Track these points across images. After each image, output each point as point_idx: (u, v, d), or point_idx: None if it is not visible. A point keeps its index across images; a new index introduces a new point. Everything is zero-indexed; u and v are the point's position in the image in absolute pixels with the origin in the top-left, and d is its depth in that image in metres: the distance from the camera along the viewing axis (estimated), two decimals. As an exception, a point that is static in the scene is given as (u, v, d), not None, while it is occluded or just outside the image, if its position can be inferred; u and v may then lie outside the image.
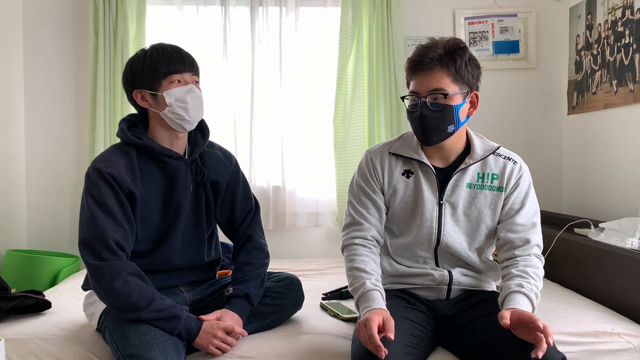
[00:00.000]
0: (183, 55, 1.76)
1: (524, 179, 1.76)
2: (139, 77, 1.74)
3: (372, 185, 1.78)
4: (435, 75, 1.66)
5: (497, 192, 1.74)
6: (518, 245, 1.68)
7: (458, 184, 1.74)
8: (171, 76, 1.73)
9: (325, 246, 3.35)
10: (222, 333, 1.66)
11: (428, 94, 1.67)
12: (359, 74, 3.18)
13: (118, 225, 1.66)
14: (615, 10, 2.70)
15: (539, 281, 1.59)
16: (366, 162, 1.82)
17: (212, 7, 3.25)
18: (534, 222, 1.72)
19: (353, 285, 1.63)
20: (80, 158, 3.24)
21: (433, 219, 1.74)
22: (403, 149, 1.79)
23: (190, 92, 1.74)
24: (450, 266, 1.78)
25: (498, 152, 1.78)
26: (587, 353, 1.77)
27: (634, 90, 2.56)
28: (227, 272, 2.37)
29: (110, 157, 1.72)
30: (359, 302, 1.59)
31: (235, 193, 1.93)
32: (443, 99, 1.67)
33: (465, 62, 1.68)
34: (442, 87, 1.66)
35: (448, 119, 1.68)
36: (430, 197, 1.74)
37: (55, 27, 3.25)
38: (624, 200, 2.65)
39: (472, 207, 1.75)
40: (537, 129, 3.38)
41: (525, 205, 1.73)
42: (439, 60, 1.66)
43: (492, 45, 3.35)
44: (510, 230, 1.71)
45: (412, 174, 1.77)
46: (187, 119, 1.74)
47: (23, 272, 2.82)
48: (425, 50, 1.68)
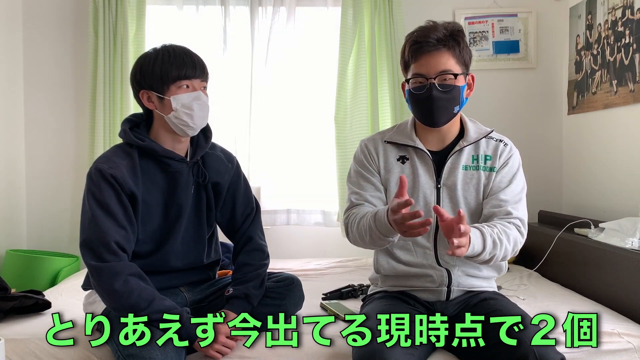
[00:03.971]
0: (195, 60, 1.74)
1: (513, 159, 1.77)
2: (147, 77, 1.72)
3: (369, 169, 1.79)
4: (442, 57, 1.68)
5: (491, 173, 1.76)
6: (499, 215, 1.68)
7: (454, 166, 1.75)
8: (180, 81, 1.71)
9: (325, 246, 3.35)
10: (223, 337, 1.66)
11: (437, 75, 1.67)
12: (360, 72, 3.18)
13: (119, 226, 1.66)
14: (615, 10, 2.70)
15: (503, 236, 1.57)
16: (361, 149, 1.83)
17: (212, 6, 3.25)
18: (519, 198, 1.73)
19: (369, 227, 1.60)
20: (80, 158, 3.24)
21: (431, 203, 1.74)
22: (397, 136, 1.80)
23: (197, 100, 1.73)
24: (450, 259, 1.76)
25: (490, 135, 1.79)
26: (587, 353, 1.76)
27: (634, 90, 2.55)
28: (227, 272, 2.37)
29: (112, 157, 1.72)
30: (377, 225, 1.57)
31: (236, 195, 1.93)
32: (453, 80, 1.68)
33: (465, 44, 1.71)
34: (450, 68, 1.68)
35: (455, 100, 1.70)
36: (428, 181, 1.75)
37: (55, 27, 3.25)
38: (624, 200, 2.65)
39: (470, 188, 1.75)
40: (537, 129, 3.37)
41: (512, 184, 1.73)
42: (444, 41, 1.67)
43: (492, 45, 3.35)
44: (494, 206, 1.71)
45: (407, 159, 1.78)
46: (192, 125, 1.73)
47: (23, 272, 2.82)
48: (427, 32, 1.68)
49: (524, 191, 1.76)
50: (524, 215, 1.72)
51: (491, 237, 1.55)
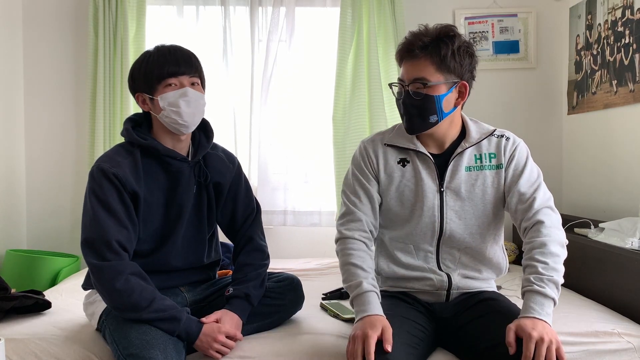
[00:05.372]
0: (178, 57, 1.73)
1: (519, 150, 1.75)
2: (138, 80, 1.75)
3: (366, 174, 1.77)
4: (419, 64, 1.65)
5: (497, 170, 1.74)
6: (526, 217, 1.66)
7: (456, 168, 1.73)
8: (166, 80, 1.71)
9: (325, 246, 3.34)
10: (223, 337, 1.66)
11: (410, 83, 1.67)
12: (358, 72, 3.17)
13: (121, 225, 1.66)
14: (615, 10, 2.70)
15: (549, 257, 1.55)
16: (360, 152, 1.81)
17: (212, 7, 3.24)
18: (537, 184, 1.70)
19: (349, 282, 1.62)
20: (80, 158, 3.24)
21: (435, 207, 1.72)
22: (397, 139, 1.78)
23: (184, 96, 1.71)
24: (451, 263, 1.76)
25: (493, 134, 1.77)
26: (587, 353, 1.77)
27: (634, 90, 2.55)
28: (227, 272, 2.37)
29: (115, 156, 1.72)
30: (354, 301, 1.59)
31: (237, 195, 1.93)
32: (423, 88, 1.65)
33: (452, 50, 1.65)
34: (424, 76, 1.65)
35: (429, 109, 1.66)
36: (431, 185, 1.73)
37: (55, 27, 3.24)
38: (624, 200, 2.65)
39: (475, 189, 1.73)
40: (537, 129, 3.37)
41: (524, 173, 1.71)
42: (423, 48, 1.64)
43: (492, 45, 3.35)
44: (517, 202, 1.68)
45: (408, 162, 1.76)
46: (182, 122, 1.73)
47: (23, 272, 2.82)
48: (413, 38, 1.67)
49: (540, 176, 1.73)
50: (549, 198, 1.69)
51: (547, 279, 1.52)
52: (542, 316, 1.47)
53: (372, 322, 1.49)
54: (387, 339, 1.45)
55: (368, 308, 1.53)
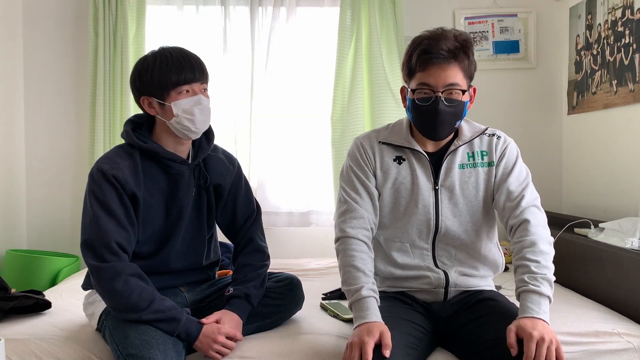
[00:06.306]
0: (193, 64, 1.72)
1: (509, 149, 1.77)
2: (147, 84, 1.71)
3: (364, 170, 1.76)
4: (452, 70, 1.63)
5: (489, 168, 1.75)
6: (512, 215, 1.67)
7: (450, 166, 1.74)
8: (180, 87, 1.70)
9: (325, 246, 3.35)
10: (222, 338, 1.66)
11: (444, 89, 1.64)
12: (357, 71, 3.17)
13: (120, 226, 1.66)
14: (615, 10, 2.70)
15: (539, 256, 1.56)
16: (357, 147, 1.80)
17: (212, 7, 3.25)
18: (526, 183, 1.72)
19: (349, 286, 1.62)
20: (80, 158, 3.24)
21: (430, 205, 1.73)
22: (393, 137, 1.78)
23: (198, 104, 1.71)
24: (447, 260, 1.76)
25: (485, 132, 1.79)
26: (587, 353, 1.77)
27: (634, 90, 2.55)
28: (227, 272, 2.37)
29: (114, 158, 1.71)
30: (353, 306, 1.59)
31: (237, 197, 1.93)
32: (460, 95, 1.66)
33: (473, 56, 1.68)
34: (458, 82, 1.64)
35: (459, 115, 1.69)
36: (426, 183, 1.74)
37: (55, 27, 3.25)
38: (624, 200, 2.65)
39: (469, 186, 1.74)
40: (537, 129, 3.37)
41: (514, 172, 1.73)
42: (455, 53, 1.63)
43: (492, 45, 3.35)
44: (506, 199, 1.70)
45: (404, 160, 1.76)
46: (194, 130, 1.73)
47: (23, 272, 2.82)
48: (438, 41, 1.62)
49: (529, 176, 1.75)
50: (536, 198, 1.70)
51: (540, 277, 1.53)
52: (540, 315, 1.47)
53: (369, 328, 1.49)
54: (386, 344, 1.44)
55: (366, 314, 1.53)
